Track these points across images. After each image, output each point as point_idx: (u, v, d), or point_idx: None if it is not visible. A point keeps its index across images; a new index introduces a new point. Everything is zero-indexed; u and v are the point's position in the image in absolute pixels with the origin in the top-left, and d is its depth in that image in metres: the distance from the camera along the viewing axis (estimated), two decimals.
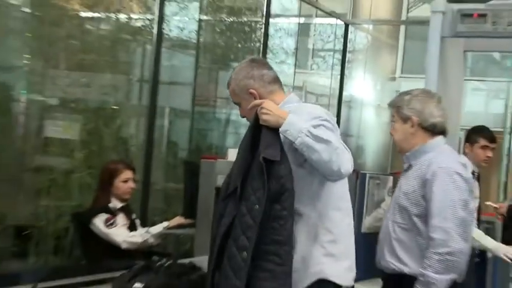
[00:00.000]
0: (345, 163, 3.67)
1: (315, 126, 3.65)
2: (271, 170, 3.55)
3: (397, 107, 4.73)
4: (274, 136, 3.63)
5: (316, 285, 3.86)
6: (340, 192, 4.01)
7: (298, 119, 3.66)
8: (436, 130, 4.58)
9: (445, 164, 4.43)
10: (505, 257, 6.53)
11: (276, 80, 4.19)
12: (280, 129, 3.60)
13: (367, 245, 4.99)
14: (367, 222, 6.21)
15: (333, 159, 3.59)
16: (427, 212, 4.38)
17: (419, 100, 4.62)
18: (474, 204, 6.23)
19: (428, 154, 4.54)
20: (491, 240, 6.74)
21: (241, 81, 4.07)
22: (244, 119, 4.22)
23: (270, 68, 4.26)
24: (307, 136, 3.54)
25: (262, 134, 3.65)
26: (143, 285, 4.07)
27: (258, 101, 3.82)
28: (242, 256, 3.53)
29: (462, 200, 4.33)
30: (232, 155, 4.37)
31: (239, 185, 3.65)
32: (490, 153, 6.78)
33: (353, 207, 5.61)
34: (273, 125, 3.62)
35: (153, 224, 6.08)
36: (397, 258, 4.49)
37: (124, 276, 4.23)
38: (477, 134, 6.71)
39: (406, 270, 4.41)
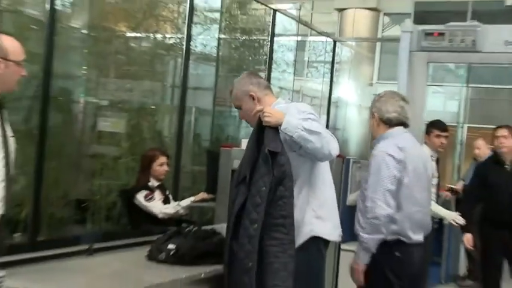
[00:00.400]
0: (332, 148, 3.86)
1: (304, 120, 3.83)
2: (274, 160, 3.73)
3: (370, 106, 4.82)
4: (275, 133, 3.80)
5: (309, 242, 4.02)
6: (324, 170, 4.19)
7: (293, 118, 3.80)
8: (392, 123, 4.61)
9: (383, 148, 4.50)
10: (453, 222, 6.56)
11: (268, 87, 4.35)
12: (280, 127, 3.76)
13: (351, 215, 5.00)
14: (351, 198, 6.23)
15: (324, 145, 3.79)
16: None
17: (381, 100, 4.70)
18: (433, 181, 6.25)
19: (385, 141, 4.59)
20: (443, 209, 6.75)
21: (243, 87, 4.22)
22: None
23: (262, 78, 4.58)
24: (302, 131, 3.72)
25: (265, 132, 3.81)
26: (175, 246, 4.15)
27: (260, 107, 4.00)
28: (253, 227, 3.69)
29: (390, 176, 4.37)
30: (245, 144, 4.38)
31: (248, 174, 3.79)
32: (443, 140, 6.77)
33: (340, 185, 5.66)
34: (273, 124, 3.79)
35: (183, 198, 6.11)
36: (359, 223, 4.52)
37: (160, 239, 4.33)
38: (431, 126, 6.75)
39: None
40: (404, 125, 4.70)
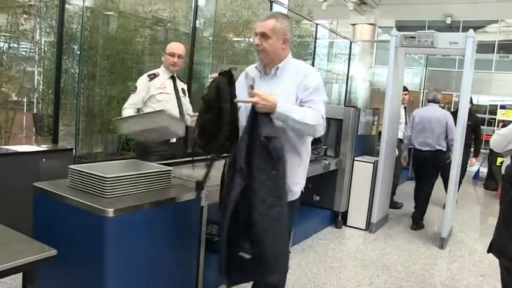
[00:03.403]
0: (320, 131, 2.49)
1: (307, 101, 2.52)
2: (269, 143, 2.24)
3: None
4: (269, 118, 2.32)
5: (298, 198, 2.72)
6: (308, 139, 2.66)
7: (284, 108, 2.35)
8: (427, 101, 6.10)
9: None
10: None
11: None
12: (272, 115, 2.34)
13: (361, 140, 4.97)
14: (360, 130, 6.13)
15: (310, 132, 2.53)
16: None
17: (429, 90, 6.07)
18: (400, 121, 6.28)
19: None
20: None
21: (284, 28, 2.59)
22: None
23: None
24: (291, 121, 2.36)
25: (259, 118, 2.31)
26: None
27: (255, 92, 2.40)
28: (275, 210, 2.24)
29: (409, 121, 5.78)
30: None
31: (243, 164, 2.29)
32: (406, 97, 6.91)
33: (355, 123, 5.53)
34: (265, 112, 2.31)
35: None
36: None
37: None
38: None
39: None
40: (434, 101, 5.92)
